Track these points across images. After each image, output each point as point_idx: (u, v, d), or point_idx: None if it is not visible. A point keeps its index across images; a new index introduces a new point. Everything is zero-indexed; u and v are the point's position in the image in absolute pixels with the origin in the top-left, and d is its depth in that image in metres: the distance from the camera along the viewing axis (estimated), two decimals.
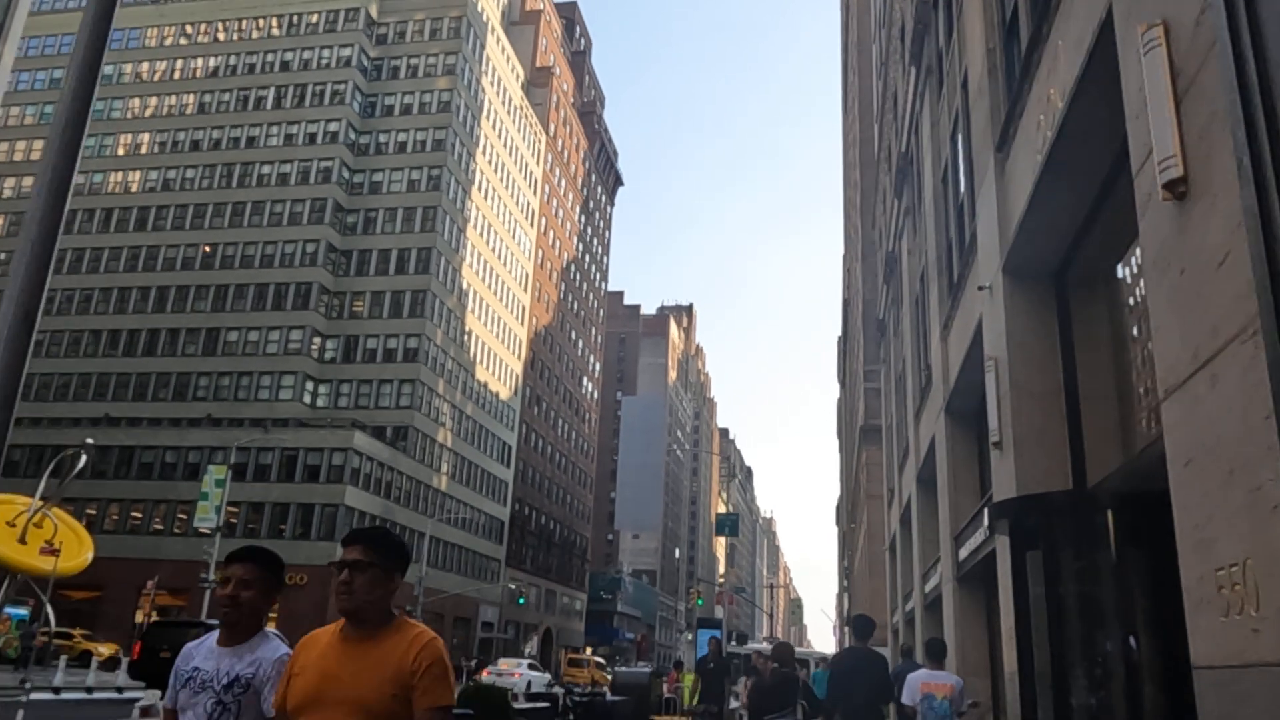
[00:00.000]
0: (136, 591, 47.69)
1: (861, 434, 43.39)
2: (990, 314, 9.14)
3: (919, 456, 17.37)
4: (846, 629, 55.75)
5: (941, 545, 13.65)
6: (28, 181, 65.05)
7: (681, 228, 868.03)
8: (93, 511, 52.53)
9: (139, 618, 47.03)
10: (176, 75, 66.62)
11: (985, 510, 10.38)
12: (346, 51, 64.37)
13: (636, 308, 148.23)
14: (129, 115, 65.94)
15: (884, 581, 33.83)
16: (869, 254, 44.36)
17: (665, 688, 18.42)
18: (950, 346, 12.90)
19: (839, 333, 73.56)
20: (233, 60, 66.17)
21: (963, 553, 11.94)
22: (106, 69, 58.43)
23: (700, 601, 41.70)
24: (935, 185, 14.32)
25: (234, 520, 50.73)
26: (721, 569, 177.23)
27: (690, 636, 68.89)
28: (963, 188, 12.21)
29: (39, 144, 66.10)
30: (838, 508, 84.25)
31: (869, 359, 42.59)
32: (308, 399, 57.00)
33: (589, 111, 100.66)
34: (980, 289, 9.32)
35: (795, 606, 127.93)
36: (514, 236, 75.20)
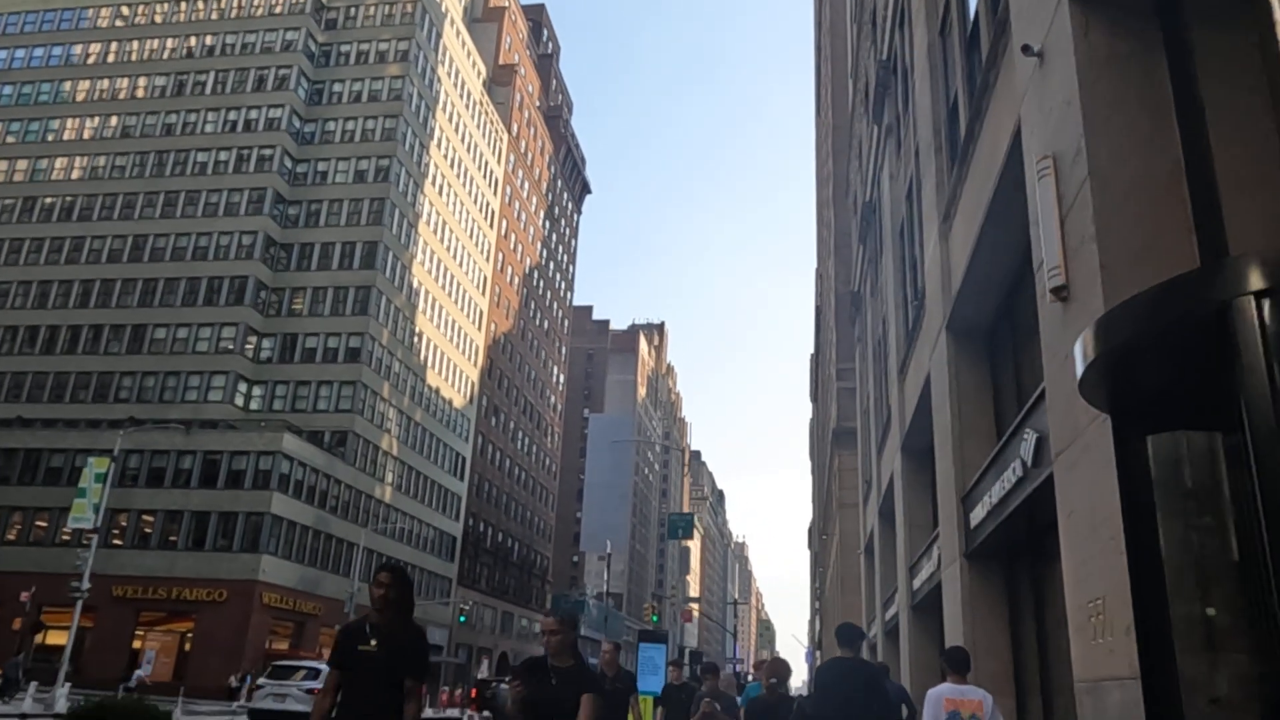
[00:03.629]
0: (38, 608, 43.00)
1: (834, 439, 40.23)
2: (1045, 87, 5.66)
3: (904, 421, 13.89)
4: (818, 653, 52.21)
5: (941, 517, 10.12)
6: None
7: (655, 251, 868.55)
8: None
9: (37, 636, 42.47)
10: (111, 59, 62.53)
11: (1025, 420, 6.82)
12: (292, 35, 60.68)
13: (605, 323, 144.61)
14: (57, 100, 61.72)
15: (858, 596, 30.44)
16: (842, 244, 41.35)
17: None
18: (954, 239, 9.45)
19: (811, 351, 70.66)
20: (170, 43, 62.26)
21: (976, 515, 8.41)
22: (37, 51, 54.63)
23: (655, 619, 37.84)
24: (931, 43, 10.91)
25: (149, 530, 46.31)
26: (694, 590, 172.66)
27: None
28: (972, 10, 8.82)
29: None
30: (810, 530, 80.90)
31: (842, 357, 39.55)
32: (240, 400, 52.73)
33: (556, 115, 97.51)
34: (1026, 52, 5.82)
35: (765, 628, 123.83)
36: (471, 237, 71.49)
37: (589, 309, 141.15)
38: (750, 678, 9.88)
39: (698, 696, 8.41)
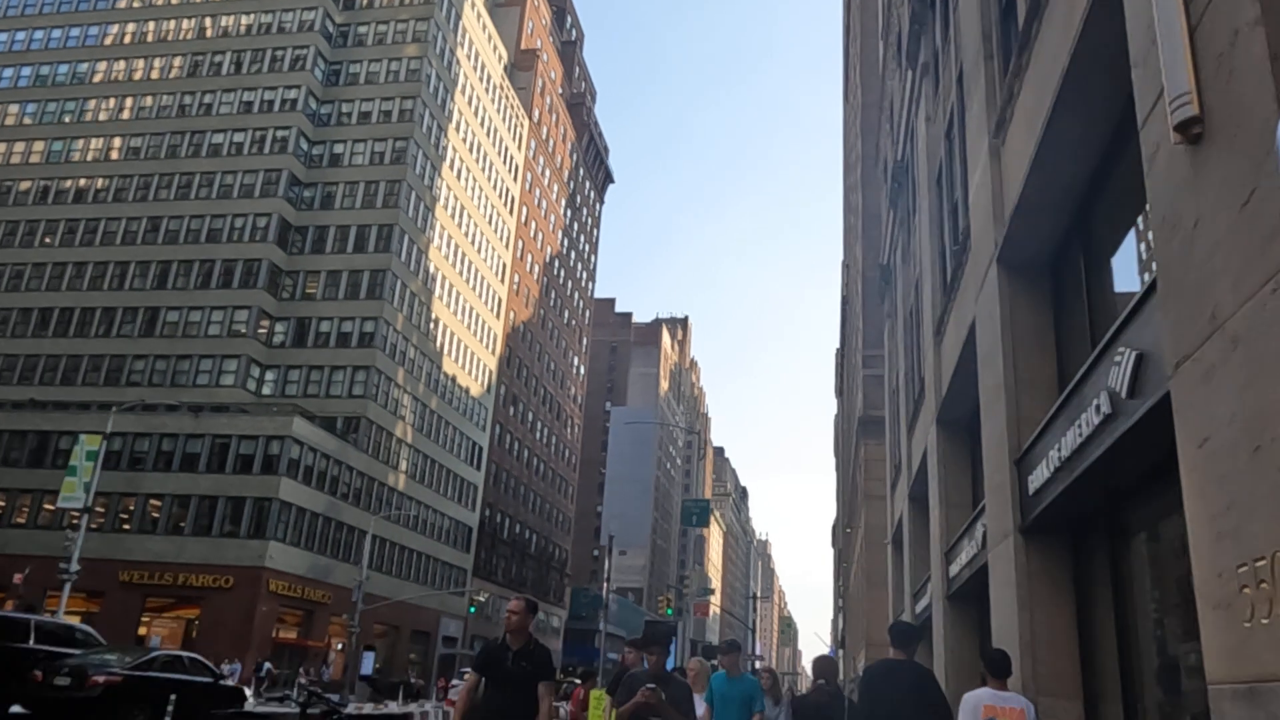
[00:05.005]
0: (42, 591, 42.28)
1: (860, 428, 38.73)
2: None
3: (940, 389, 12.32)
4: (841, 651, 50.52)
5: (989, 488, 8.59)
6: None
7: (680, 251, 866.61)
8: (1, 504, 47.31)
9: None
10: (127, 40, 61.85)
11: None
12: (310, 15, 59.64)
13: (628, 316, 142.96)
14: (74, 81, 61.11)
15: (884, 590, 28.95)
16: (870, 226, 39.82)
17: (567, 708, 13.37)
18: (1008, 152, 7.90)
19: (837, 346, 68.92)
20: (187, 24, 61.44)
21: (1037, 478, 6.87)
22: (55, 32, 53.93)
23: (670, 611, 36.40)
24: None
25: (156, 515, 45.47)
26: (715, 586, 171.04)
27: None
28: None
29: (14, 108, 61.32)
30: (833, 528, 79.19)
31: (869, 344, 38.05)
32: (252, 385, 51.78)
33: (578, 103, 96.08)
34: None
35: (786, 624, 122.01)
36: (490, 222, 70.25)
37: (611, 301, 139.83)
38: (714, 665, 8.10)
39: (628, 677, 6.00)
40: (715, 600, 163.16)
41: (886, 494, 28.55)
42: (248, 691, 22.35)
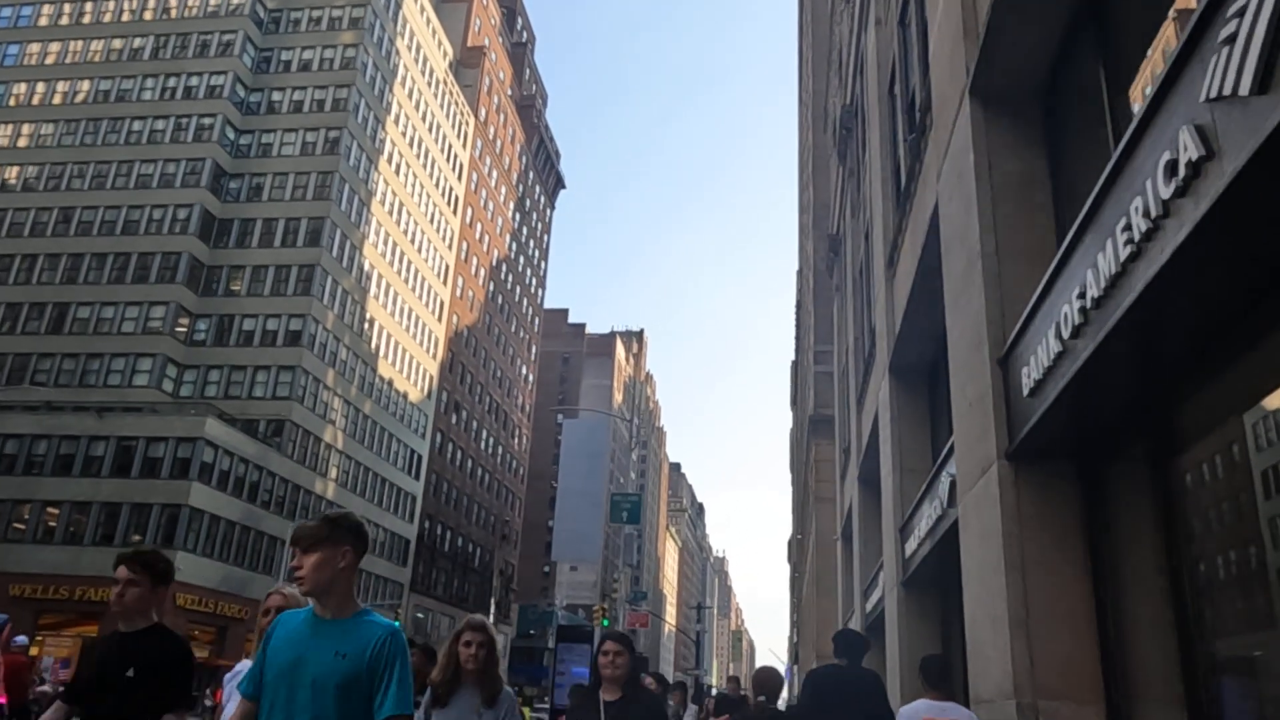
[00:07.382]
0: None
1: (811, 427, 36.74)
2: None
3: (893, 329, 10.07)
4: (795, 667, 48.40)
5: (958, 410, 6.30)
6: None
7: (636, 273, 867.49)
8: None
9: None
10: (42, 22, 58.32)
11: None
12: None
13: (581, 326, 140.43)
14: None
15: (833, 599, 26.93)
16: (821, 216, 37.92)
17: None
18: None
19: (793, 359, 67.35)
20: (107, 6, 58.06)
21: (1035, 367, 4.55)
22: None
23: (605, 622, 33.85)
24: None
25: (52, 524, 41.87)
26: (671, 602, 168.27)
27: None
28: None
29: None
30: (789, 543, 77.36)
31: (820, 339, 36.11)
32: (169, 385, 48.37)
33: (529, 105, 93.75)
34: None
35: (736, 639, 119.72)
36: (432, 222, 67.43)
37: (564, 312, 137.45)
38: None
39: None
40: (670, 618, 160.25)
41: (836, 494, 26.65)
42: None
